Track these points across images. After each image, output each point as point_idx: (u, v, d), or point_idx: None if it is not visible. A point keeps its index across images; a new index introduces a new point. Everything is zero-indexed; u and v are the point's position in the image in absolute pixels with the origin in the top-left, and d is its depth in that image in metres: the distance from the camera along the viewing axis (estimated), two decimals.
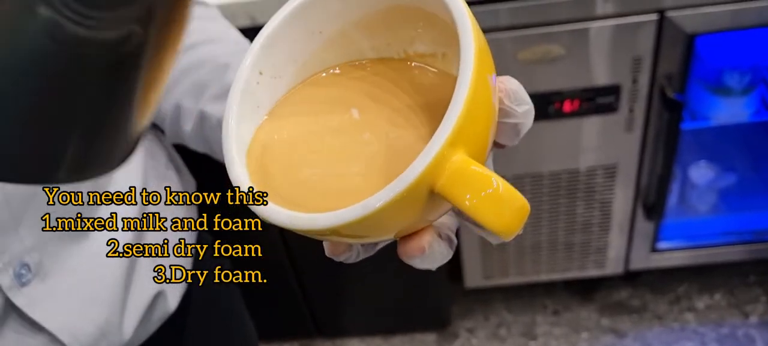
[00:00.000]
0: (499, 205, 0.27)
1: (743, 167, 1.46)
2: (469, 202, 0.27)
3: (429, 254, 0.30)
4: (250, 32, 1.02)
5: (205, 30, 0.57)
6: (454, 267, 1.44)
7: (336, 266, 1.41)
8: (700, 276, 1.56)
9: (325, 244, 0.33)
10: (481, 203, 0.27)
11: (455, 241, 0.32)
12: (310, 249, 1.35)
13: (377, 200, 0.27)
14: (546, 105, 1.13)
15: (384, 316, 1.54)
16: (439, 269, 0.33)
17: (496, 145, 0.32)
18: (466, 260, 1.40)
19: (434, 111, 0.32)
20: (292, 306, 1.44)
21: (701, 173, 1.42)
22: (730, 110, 1.26)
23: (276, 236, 1.26)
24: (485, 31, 1.26)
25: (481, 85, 0.28)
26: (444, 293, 1.49)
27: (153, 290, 0.59)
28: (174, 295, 0.62)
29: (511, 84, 0.31)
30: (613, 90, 1.12)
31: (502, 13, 1.01)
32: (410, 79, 0.35)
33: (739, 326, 1.48)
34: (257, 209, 0.30)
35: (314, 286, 1.42)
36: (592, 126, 1.17)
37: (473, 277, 1.45)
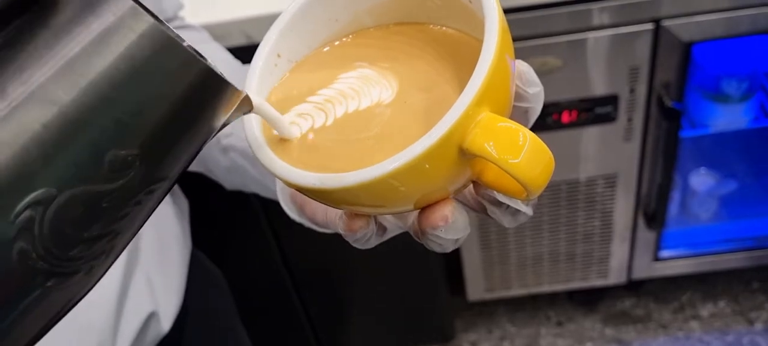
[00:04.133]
0: (530, 156, 0.27)
1: (744, 174, 1.46)
2: (503, 155, 0.27)
3: (452, 223, 0.30)
4: (246, 50, 1.02)
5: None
6: (456, 280, 1.43)
7: (337, 281, 1.40)
8: (704, 284, 1.56)
9: (340, 221, 0.33)
10: (515, 155, 0.27)
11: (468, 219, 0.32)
12: (310, 264, 1.35)
13: (408, 154, 0.26)
14: (544, 116, 1.13)
15: (387, 330, 1.54)
16: (442, 282, 0.32)
17: None
18: (468, 273, 1.40)
19: (457, 69, 0.32)
20: (293, 323, 1.44)
21: (702, 180, 1.42)
22: (729, 117, 1.26)
23: (275, 252, 1.26)
24: None
25: (504, 52, 0.28)
26: (447, 306, 1.49)
27: (145, 313, 0.59)
28: (167, 316, 0.61)
29: (522, 66, 0.32)
30: (611, 100, 1.12)
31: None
32: (432, 37, 0.34)
33: (744, 334, 1.47)
34: (283, 171, 0.30)
35: (316, 302, 1.41)
36: (590, 136, 1.17)
37: (475, 290, 1.44)
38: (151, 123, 0.22)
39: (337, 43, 0.36)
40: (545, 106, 1.11)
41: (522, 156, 0.27)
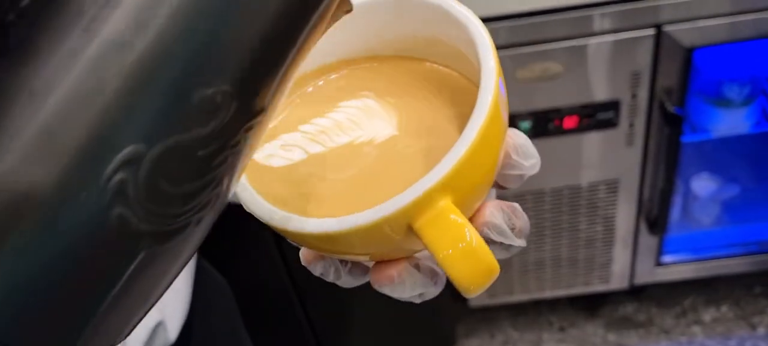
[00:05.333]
0: (469, 260, 0.27)
1: (746, 179, 1.46)
2: (442, 251, 0.27)
3: (398, 283, 0.30)
4: None
5: None
6: None
7: (340, 289, 1.40)
8: (706, 289, 1.56)
9: (301, 250, 0.32)
10: (453, 253, 0.26)
11: (440, 274, 0.31)
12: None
13: (351, 221, 0.26)
14: (545, 122, 1.13)
15: (389, 337, 1.54)
16: (443, 288, 0.32)
17: (498, 185, 0.32)
18: None
19: (457, 114, 0.32)
20: (297, 330, 1.43)
21: (704, 185, 1.42)
22: (731, 122, 1.26)
23: (277, 259, 1.26)
24: None
25: (490, 135, 0.27)
26: (449, 312, 1.49)
27: (152, 322, 0.59)
28: (173, 325, 0.61)
29: (518, 139, 0.31)
30: (613, 105, 1.12)
31: (500, 32, 1.02)
32: (434, 76, 0.34)
33: (746, 339, 1.47)
34: (243, 195, 0.29)
35: (318, 309, 1.41)
36: (592, 142, 1.17)
37: (478, 296, 1.44)
38: (238, 49, 0.19)
39: (333, 76, 0.35)
40: (546, 112, 1.12)
41: (462, 258, 0.26)
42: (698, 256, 1.41)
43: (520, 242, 0.31)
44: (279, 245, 1.22)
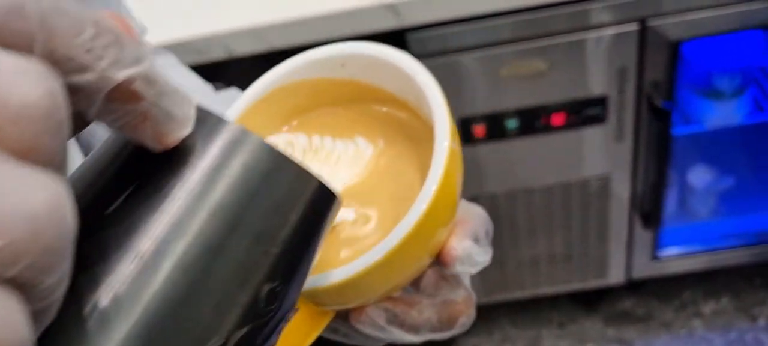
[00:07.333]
0: None
1: (742, 169, 1.44)
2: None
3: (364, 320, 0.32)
4: (225, 66, 1.02)
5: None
6: None
7: None
8: (705, 281, 1.54)
9: None
10: None
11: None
12: None
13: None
14: (533, 120, 1.12)
15: None
16: None
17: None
18: None
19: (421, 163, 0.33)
20: None
21: (699, 176, 1.41)
22: (723, 113, 1.25)
23: None
24: (469, 49, 1.24)
25: (436, 215, 0.29)
26: None
27: None
28: None
29: (459, 249, 0.31)
30: (600, 101, 1.11)
31: (486, 31, 1.01)
32: (390, 120, 0.35)
33: (747, 331, 1.46)
34: None
35: None
36: (581, 138, 1.16)
37: (474, 293, 1.43)
38: (289, 248, 0.22)
39: (295, 122, 0.36)
40: (534, 110, 1.11)
41: None
42: (696, 248, 1.40)
43: (489, 254, 0.32)
44: None
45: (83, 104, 0.17)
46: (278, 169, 0.22)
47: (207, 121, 0.21)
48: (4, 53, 0.14)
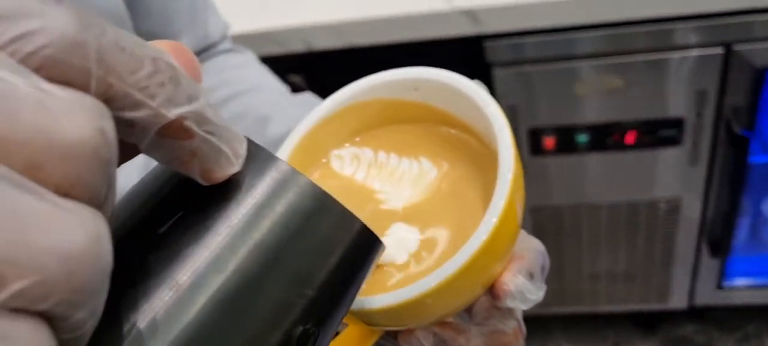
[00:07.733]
0: None
1: None
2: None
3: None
4: (305, 58, 1.04)
5: (245, 79, 0.58)
6: None
7: None
8: None
9: None
10: None
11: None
12: None
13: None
14: (605, 136, 1.11)
15: None
16: None
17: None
18: None
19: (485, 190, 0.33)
20: None
21: None
22: None
23: None
24: (546, 60, 1.22)
25: (506, 228, 0.30)
26: None
27: None
28: None
29: (512, 285, 0.32)
30: (677, 123, 1.09)
31: (563, 43, 1.00)
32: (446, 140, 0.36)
33: None
34: None
35: None
36: (654, 158, 1.14)
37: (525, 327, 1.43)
38: (327, 291, 0.22)
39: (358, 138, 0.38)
40: (607, 126, 1.09)
41: None
42: (765, 281, 1.35)
43: (543, 291, 0.33)
44: None
45: (135, 138, 0.17)
46: (322, 210, 0.22)
47: (257, 156, 0.21)
48: (59, 89, 0.15)
